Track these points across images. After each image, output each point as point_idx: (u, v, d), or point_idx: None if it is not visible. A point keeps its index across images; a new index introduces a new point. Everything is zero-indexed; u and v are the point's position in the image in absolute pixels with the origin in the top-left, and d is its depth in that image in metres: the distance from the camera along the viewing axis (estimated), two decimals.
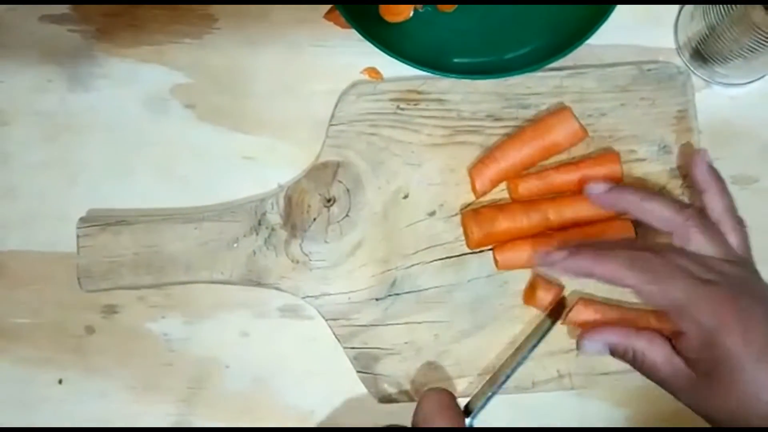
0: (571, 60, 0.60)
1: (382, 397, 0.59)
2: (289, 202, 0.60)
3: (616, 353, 0.54)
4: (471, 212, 0.59)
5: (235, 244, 0.59)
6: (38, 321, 0.62)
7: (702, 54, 0.60)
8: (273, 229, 0.60)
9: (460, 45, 0.61)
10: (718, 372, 0.48)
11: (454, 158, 0.60)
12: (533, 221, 0.57)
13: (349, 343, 0.59)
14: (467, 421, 0.53)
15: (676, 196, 0.60)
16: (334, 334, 0.59)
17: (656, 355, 0.51)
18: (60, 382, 0.61)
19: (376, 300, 0.59)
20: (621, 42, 0.62)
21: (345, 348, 0.59)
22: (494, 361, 0.59)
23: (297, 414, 0.60)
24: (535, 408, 0.60)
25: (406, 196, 0.60)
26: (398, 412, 0.60)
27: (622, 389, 0.59)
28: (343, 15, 0.59)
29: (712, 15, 0.57)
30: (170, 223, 0.60)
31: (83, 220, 0.60)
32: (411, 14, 0.62)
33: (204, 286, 0.60)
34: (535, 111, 0.61)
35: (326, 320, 0.59)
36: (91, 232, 0.59)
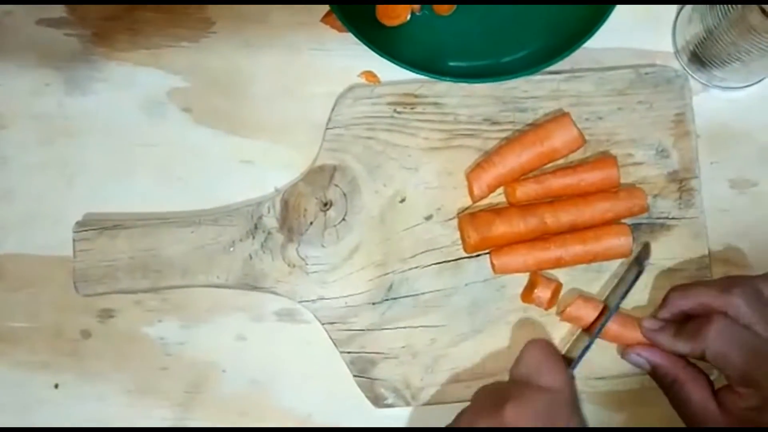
0: (568, 63, 0.60)
1: (379, 402, 0.59)
2: (285, 205, 0.60)
3: (656, 374, 0.55)
4: (468, 216, 0.59)
5: (232, 248, 0.59)
6: (34, 324, 0.61)
7: (700, 57, 0.60)
8: (269, 233, 0.60)
9: (457, 48, 0.61)
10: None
11: (451, 162, 0.60)
12: (530, 225, 0.57)
13: (346, 348, 0.59)
14: (568, 370, 0.53)
15: (673, 200, 0.59)
16: (331, 338, 0.59)
17: (695, 392, 0.53)
18: (56, 386, 0.61)
19: (373, 304, 0.59)
20: (619, 45, 0.62)
21: (342, 352, 0.59)
22: (492, 365, 0.58)
23: (294, 418, 0.60)
24: None
25: (403, 200, 0.60)
26: (395, 416, 0.60)
27: (618, 394, 0.59)
28: (339, 19, 0.59)
29: (710, 18, 0.57)
30: (167, 227, 0.60)
31: (80, 224, 0.60)
32: (408, 18, 0.62)
33: (200, 290, 0.60)
34: (533, 114, 0.60)
35: (323, 324, 0.59)
36: (87, 236, 0.59)
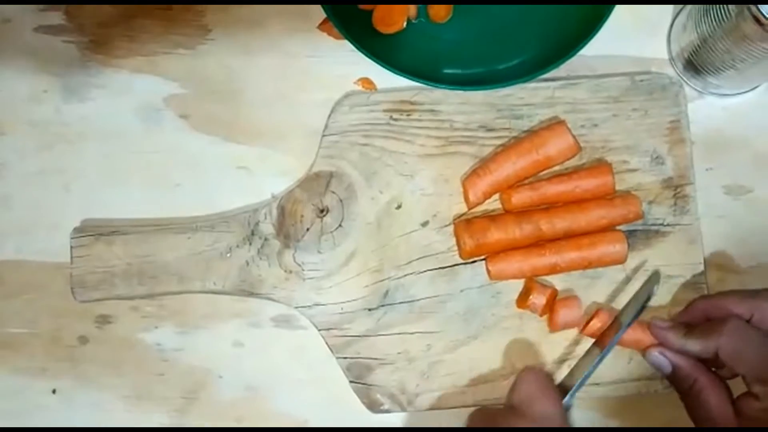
0: (563, 71, 0.61)
1: (375, 407, 0.59)
2: (282, 212, 0.60)
3: (676, 376, 0.55)
4: (464, 223, 0.59)
5: (229, 254, 0.60)
6: (32, 331, 0.62)
7: (695, 64, 0.60)
8: (266, 239, 0.60)
9: (453, 56, 0.62)
10: None
11: (447, 168, 0.61)
12: (526, 232, 0.58)
13: (342, 353, 0.59)
14: (565, 400, 0.53)
15: (668, 206, 0.60)
16: (327, 344, 0.59)
17: (713, 396, 0.53)
18: (54, 392, 0.61)
19: (368, 310, 0.59)
20: (614, 53, 0.62)
21: (338, 358, 0.59)
22: (488, 371, 0.59)
23: (290, 423, 0.61)
24: None
25: (399, 207, 0.60)
26: (392, 420, 0.60)
27: (613, 400, 0.59)
28: (336, 26, 0.59)
29: (705, 26, 0.57)
30: (164, 233, 0.60)
31: (77, 230, 0.60)
32: (404, 25, 0.62)
33: (197, 296, 0.60)
34: (528, 122, 0.61)
35: (319, 330, 0.59)
36: (84, 242, 0.60)
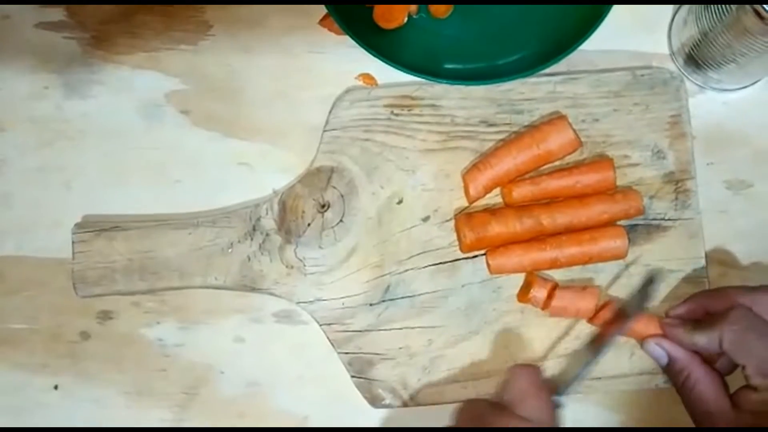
0: (564, 65, 0.61)
1: (377, 402, 0.59)
2: (283, 207, 0.60)
3: (672, 368, 0.55)
4: (464, 216, 0.59)
5: (230, 250, 0.60)
6: (33, 327, 0.62)
7: (695, 59, 0.60)
8: (267, 235, 0.60)
9: (453, 51, 0.62)
10: None
11: (448, 163, 0.61)
12: (526, 226, 0.58)
13: (344, 348, 0.59)
14: (555, 399, 0.53)
15: (669, 201, 0.60)
16: (329, 339, 0.59)
17: (709, 388, 0.53)
18: (56, 387, 0.61)
19: (370, 305, 0.59)
20: (614, 47, 0.62)
21: (339, 353, 0.59)
22: (489, 366, 0.59)
23: (292, 419, 0.60)
24: None
25: (400, 202, 0.61)
26: (392, 416, 0.60)
27: (615, 394, 0.59)
28: (336, 22, 0.59)
29: (705, 21, 0.57)
30: (165, 229, 0.60)
31: (78, 226, 0.60)
32: (405, 20, 0.62)
33: (198, 292, 0.60)
34: (529, 116, 0.61)
35: (320, 325, 0.59)
36: (86, 237, 0.60)
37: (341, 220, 0.60)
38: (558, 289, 0.57)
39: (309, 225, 0.60)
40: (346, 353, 0.59)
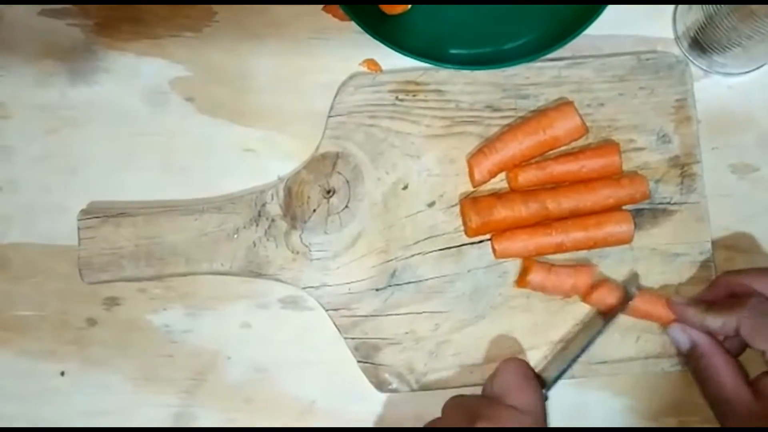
0: (569, 50, 0.60)
1: (383, 387, 0.59)
2: (289, 193, 0.60)
3: (692, 355, 0.55)
4: (470, 200, 0.59)
5: (236, 236, 0.60)
6: (40, 313, 0.62)
7: (700, 43, 0.60)
8: (273, 221, 0.60)
9: (458, 36, 0.62)
10: None
11: (453, 149, 0.61)
12: (532, 210, 0.58)
13: (350, 334, 0.59)
14: (544, 391, 0.53)
15: (675, 185, 0.60)
16: (335, 324, 0.59)
17: (728, 376, 0.53)
18: (62, 374, 0.61)
19: (376, 290, 0.60)
20: (619, 32, 0.62)
21: (345, 338, 0.59)
22: (495, 351, 0.59)
23: (298, 404, 0.61)
24: None
25: (405, 187, 0.61)
26: (399, 401, 0.60)
27: (621, 378, 0.59)
28: (341, 7, 0.59)
29: (710, 4, 0.57)
30: (170, 215, 0.60)
31: (84, 212, 0.60)
32: (409, 6, 0.62)
33: (205, 278, 0.61)
34: (534, 101, 0.61)
35: (327, 311, 0.59)
36: (92, 223, 0.60)
37: (347, 206, 0.60)
38: (553, 266, 0.58)
39: (314, 211, 0.60)
40: (353, 338, 0.59)
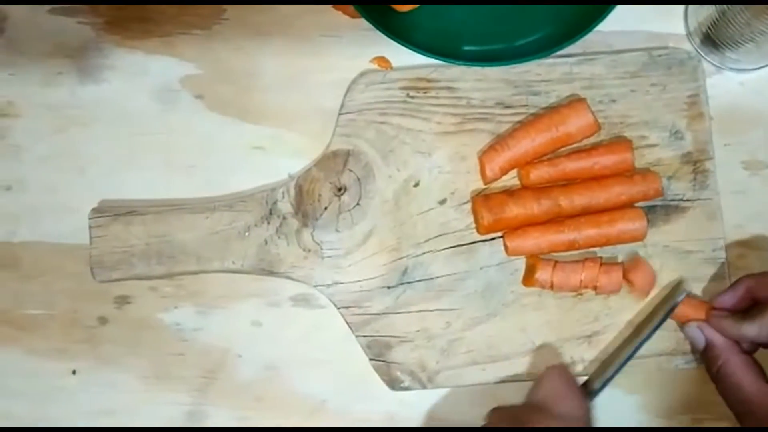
0: (580, 46, 0.60)
1: (395, 385, 0.59)
2: (300, 191, 0.60)
3: (708, 354, 0.55)
4: (482, 198, 0.59)
5: (247, 234, 0.60)
6: (51, 312, 0.62)
7: (713, 39, 0.60)
8: (284, 218, 0.60)
9: (469, 32, 0.61)
10: None
11: (464, 146, 0.60)
12: (544, 208, 0.57)
13: (362, 332, 0.59)
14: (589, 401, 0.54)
15: (688, 181, 0.59)
16: (347, 322, 0.59)
17: (746, 376, 0.52)
18: (74, 372, 0.61)
19: (387, 288, 0.59)
20: (631, 28, 0.62)
21: (357, 336, 0.59)
22: (507, 348, 0.59)
23: (310, 402, 0.61)
24: None
25: (416, 185, 0.60)
26: (411, 399, 0.60)
27: (634, 376, 0.59)
28: (353, 5, 0.59)
29: (724, 4, 0.57)
30: (181, 213, 0.60)
31: (95, 211, 0.60)
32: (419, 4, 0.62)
33: (215, 276, 0.60)
34: (546, 98, 0.60)
35: (338, 309, 0.59)
36: (103, 222, 0.59)
37: (358, 203, 0.60)
38: (558, 262, 0.57)
39: (326, 208, 0.60)
40: (365, 336, 0.59)
